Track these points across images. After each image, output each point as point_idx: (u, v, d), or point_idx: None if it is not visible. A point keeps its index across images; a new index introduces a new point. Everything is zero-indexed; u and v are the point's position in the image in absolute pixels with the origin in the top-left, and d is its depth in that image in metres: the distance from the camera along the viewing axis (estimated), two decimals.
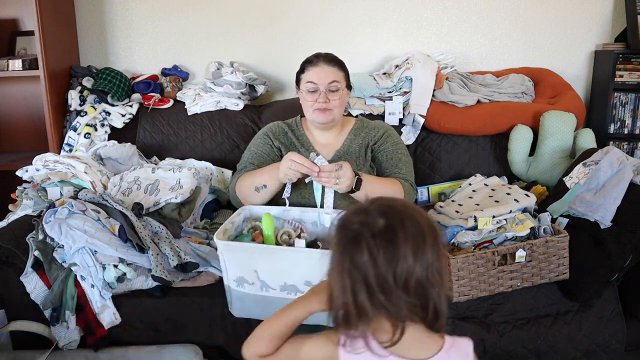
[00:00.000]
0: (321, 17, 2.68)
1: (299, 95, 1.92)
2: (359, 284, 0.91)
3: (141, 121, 2.45)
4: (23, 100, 2.66)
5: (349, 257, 0.92)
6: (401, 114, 2.41)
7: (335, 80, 1.84)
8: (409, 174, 1.86)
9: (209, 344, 1.72)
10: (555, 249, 1.73)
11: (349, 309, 0.92)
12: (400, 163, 1.85)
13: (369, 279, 0.90)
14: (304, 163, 1.62)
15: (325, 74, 1.83)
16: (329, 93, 1.83)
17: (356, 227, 0.93)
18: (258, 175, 1.80)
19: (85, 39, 2.69)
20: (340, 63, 1.90)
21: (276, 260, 1.51)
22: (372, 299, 0.91)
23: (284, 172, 1.67)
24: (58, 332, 1.66)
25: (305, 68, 1.88)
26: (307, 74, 1.86)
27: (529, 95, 2.49)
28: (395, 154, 1.88)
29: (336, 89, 1.84)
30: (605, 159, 1.85)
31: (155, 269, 1.65)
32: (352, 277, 0.92)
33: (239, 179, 1.86)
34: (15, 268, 1.70)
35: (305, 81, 1.85)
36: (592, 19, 2.68)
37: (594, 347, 1.78)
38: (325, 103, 1.82)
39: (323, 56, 1.89)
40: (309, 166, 1.62)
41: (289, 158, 1.65)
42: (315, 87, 1.83)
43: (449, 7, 2.67)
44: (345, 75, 1.90)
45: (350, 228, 0.94)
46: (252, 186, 1.79)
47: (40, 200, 1.94)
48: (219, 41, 2.71)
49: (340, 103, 1.86)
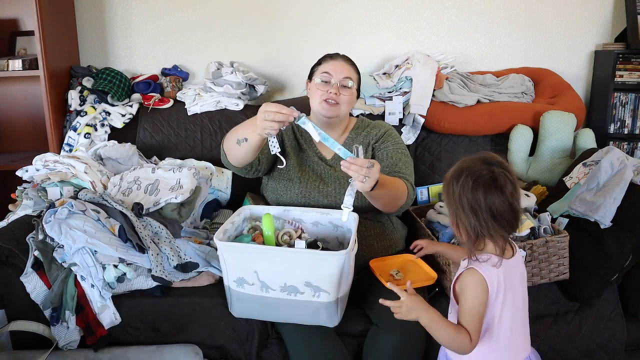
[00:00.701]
0: (321, 17, 2.68)
1: (309, 88, 1.91)
2: (487, 214, 1.25)
3: (141, 121, 2.45)
4: (23, 100, 2.66)
5: (482, 196, 1.24)
6: (401, 114, 2.41)
7: (349, 77, 1.85)
8: (409, 174, 1.86)
9: (209, 344, 1.72)
10: (555, 249, 1.73)
11: (480, 233, 1.27)
12: (400, 163, 1.86)
13: (495, 211, 1.24)
14: (280, 110, 1.50)
15: (341, 69, 1.86)
16: (341, 87, 1.84)
17: (485, 173, 1.25)
18: (241, 128, 1.73)
19: (85, 39, 2.69)
20: (356, 66, 1.93)
21: (276, 261, 1.51)
22: (497, 224, 1.26)
23: (261, 125, 1.55)
24: (58, 332, 1.65)
25: (323, 60, 1.91)
26: (324, 66, 1.88)
27: (529, 95, 2.49)
28: (395, 153, 1.88)
29: (348, 86, 1.84)
30: (606, 158, 1.85)
31: (155, 269, 1.65)
32: (483, 210, 1.25)
33: (227, 134, 1.83)
34: (15, 268, 1.70)
35: (321, 72, 1.86)
36: (592, 19, 2.68)
37: (594, 347, 1.79)
38: (335, 95, 1.82)
39: (342, 55, 1.92)
40: (286, 112, 1.50)
41: (262, 109, 1.54)
42: (329, 78, 1.84)
43: (449, 7, 2.68)
44: (357, 77, 1.92)
45: (482, 175, 1.25)
46: (235, 138, 1.73)
47: (40, 200, 1.94)
48: (219, 41, 2.71)
49: (349, 100, 1.86)
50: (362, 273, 1.80)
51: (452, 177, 1.30)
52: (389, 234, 1.87)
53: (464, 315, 1.28)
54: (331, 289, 1.52)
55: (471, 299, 1.28)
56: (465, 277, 1.30)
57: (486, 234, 1.27)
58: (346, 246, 1.61)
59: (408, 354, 1.58)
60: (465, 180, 1.26)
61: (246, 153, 1.73)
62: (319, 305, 1.54)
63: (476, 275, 1.28)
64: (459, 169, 1.30)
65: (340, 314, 1.60)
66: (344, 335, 1.71)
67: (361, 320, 1.73)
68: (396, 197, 1.72)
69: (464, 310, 1.29)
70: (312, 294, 1.53)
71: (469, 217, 1.26)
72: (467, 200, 1.26)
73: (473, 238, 1.29)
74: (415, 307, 1.29)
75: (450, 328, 1.28)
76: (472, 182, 1.25)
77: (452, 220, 1.33)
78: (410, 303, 1.30)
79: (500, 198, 1.24)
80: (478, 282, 1.27)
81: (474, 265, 1.29)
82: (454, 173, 1.30)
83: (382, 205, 1.72)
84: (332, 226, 1.76)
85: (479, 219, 1.26)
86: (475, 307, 1.27)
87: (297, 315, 1.58)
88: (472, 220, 1.26)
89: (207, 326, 1.72)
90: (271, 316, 1.65)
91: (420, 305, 1.30)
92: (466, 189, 1.25)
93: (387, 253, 1.84)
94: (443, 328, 1.28)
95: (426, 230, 1.90)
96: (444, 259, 1.73)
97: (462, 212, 1.27)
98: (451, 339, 1.27)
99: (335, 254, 1.48)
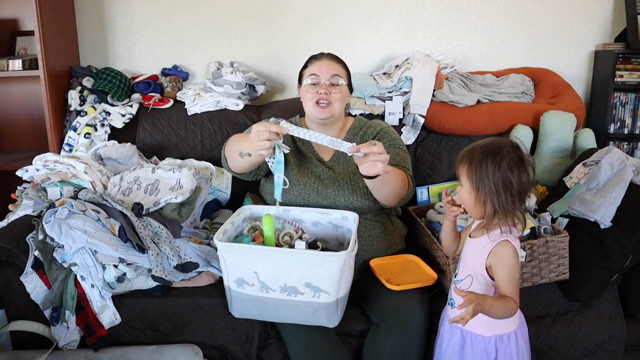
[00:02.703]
0: (321, 17, 2.68)
1: (300, 92, 1.92)
2: (516, 192, 1.36)
3: (141, 121, 2.45)
4: (23, 100, 2.66)
5: (517, 175, 1.35)
6: (401, 114, 2.41)
7: (337, 75, 1.85)
8: (408, 167, 1.86)
9: (209, 344, 1.72)
10: (555, 249, 1.72)
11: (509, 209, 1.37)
12: (397, 157, 1.85)
13: (522, 189, 1.37)
14: (268, 129, 1.52)
15: (327, 68, 1.86)
16: (330, 86, 1.84)
17: (515, 155, 1.36)
18: (245, 142, 1.70)
19: (85, 39, 2.69)
20: (342, 62, 1.93)
21: (276, 261, 1.51)
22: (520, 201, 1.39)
23: (255, 147, 1.55)
24: (58, 332, 1.66)
25: (309, 63, 1.91)
26: (310, 68, 1.89)
27: (529, 95, 2.49)
28: (392, 149, 1.88)
29: (337, 83, 1.84)
30: (606, 158, 1.85)
31: (155, 269, 1.65)
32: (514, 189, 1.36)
33: (231, 138, 1.83)
34: (15, 268, 1.70)
35: (308, 74, 1.87)
36: (592, 19, 2.68)
37: (594, 347, 1.78)
38: (326, 95, 1.82)
39: (326, 54, 1.92)
40: (275, 130, 1.52)
41: (254, 130, 1.55)
42: (317, 80, 1.84)
43: (449, 7, 2.68)
44: (347, 73, 1.92)
45: (513, 156, 1.36)
46: (238, 150, 1.73)
47: (40, 200, 1.94)
48: (219, 41, 2.71)
49: (341, 97, 1.86)
50: (362, 273, 1.80)
51: (485, 156, 1.38)
52: (389, 234, 1.87)
53: (505, 283, 1.39)
54: (331, 290, 1.52)
55: (510, 267, 1.39)
56: (500, 249, 1.39)
57: (512, 210, 1.38)
58: (346, 246, 1.61)
59: (408, 354, 1.58)
60: (500, 160, 1.36)
61: (248, 166, 1.78)
62: (319, 306, 1.54)
63: (510, 246, 1.39)
64: (493, 148, 1.38)
65: (340, 315, 1.60)
66: (344, 335, 1.71)
67: (361, 320, 1.73)
68: (399, 185, 1.73)
69: (504, 280, 1.39)
70: (312, 295, 1.53)
71: (500, 194, 1.36)
72: (502, 178, 1.35)
73: (500, 214, 1.39)
74: (481, 301, 1.33)
75: (501, 302, 1.37)
76: (507, 161, 1.35)
77: (474, 195, 1.40)
78: (476, 299, 1.32)
79: (527, 177, 1.37)
80: (513, 252, 1.39)
81: (507, 237, 1.40)
82: (486, 152, 1.38)
83: (387, 194, 1.72)
84: (332, 226, 1.76)
85: (508, 196, 1.36)
86: (514, 274, 1.39)
87: (297, 315, 1.58)
88: (502, 197, 1.36)
89: (207, 326, 1.72)
90: (271, 317, 1.65)
91: (481, 299, 1.34)
92: (502, 168, 1.35)
93: (387, 253, 1.84)
94: (496, 305, 1.36)
95: (426, 230, 1.90)
96: (444, 259, 1.73)
97: (493, 189, 1.36)
98: (504, 311, 1.37)
99: (335, 255, 1.48)
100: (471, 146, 1.44)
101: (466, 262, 1.49)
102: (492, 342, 1.46)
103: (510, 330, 1.48)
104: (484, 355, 1.46)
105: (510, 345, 1.47)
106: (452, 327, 1.52)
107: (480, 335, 1.47)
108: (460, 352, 1.50)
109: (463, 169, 1.42)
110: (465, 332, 1.49)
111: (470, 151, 1.42)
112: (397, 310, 1.61)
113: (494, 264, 1.40)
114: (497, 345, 1.46)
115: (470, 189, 1.41)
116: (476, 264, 1.44)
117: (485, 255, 1.41)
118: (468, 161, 1.41)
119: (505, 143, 1.40)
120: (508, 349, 1.47)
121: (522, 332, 1.52)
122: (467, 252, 1.50)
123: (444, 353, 1.54)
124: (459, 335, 1.50)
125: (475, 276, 1.45)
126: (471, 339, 1.48)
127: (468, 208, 1.46)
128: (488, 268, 1.42)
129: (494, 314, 1.37)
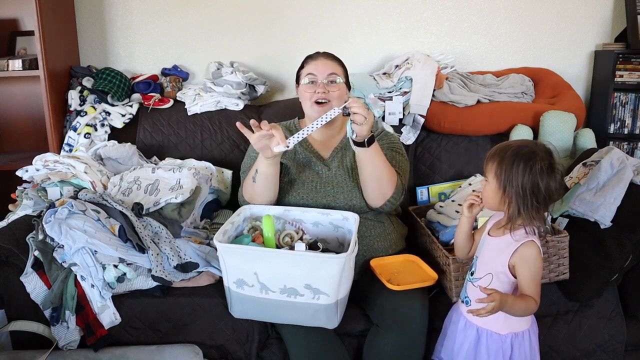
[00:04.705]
0: (321, 17, 2.68)
1: (299, 92, 1.93)
2: (543, 198, 1.36)
3: (141, 121, 2.45)
4: (23, 100, 2.66)
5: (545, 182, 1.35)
6: (401, 114, 2.41)
7: (334, 73, 1.86)
8: (402, 172, 1.85)
9: (209, 344, 1.72)
10: (555, 249, 1.72)
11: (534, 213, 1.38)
12: (394, 161, 1.85)
13: (548, 196, 1.37)
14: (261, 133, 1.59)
15: (324, 67, 1.86)
16: (328, 84, 1.84)
17: (547, 162, 1.36)
18: (250, 171, 1.81)
19: (85, 39, 2.69)
20: (339, 60, 1.93)
21: (276, 263, 1.51)
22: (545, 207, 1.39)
23: (259, 149, 1.65)
24: (58, 332, 1.66)
25: (306, 62, 1.92)
26: (307, 67, 1.89)
27: (529, 95, 2.49)
28: (390, 152, 1.88)
29: (335, 81, 1.85)
30: (606, 158, 1.85)
31: (155, 269, 1.65)
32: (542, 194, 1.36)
33: (242, 184, 1.88)
34: (15, 268, 1.70)
35: (306, 74, 1.88)
36: (592, 19, 2.68)
37: (594, 347, 1.78)
38: (324, 93, 1.82)
39: (322, 53, 1.93)
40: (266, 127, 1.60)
41: (254, 140, 1.63)
42: (314, 79, 1.85)
43: (449, 7, 2.68)
44: (344, 71, 1.92)
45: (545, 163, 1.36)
46: (250, 181, 1.78)
47: (40, 200, 1.94)
48: (219, 41, 2.71)
49: (339, 95, 1.86)
50: (363, 273, 1.80)
51: (518, 158, 1.37)
52: (389, 234, 1.87)
53: (528, 283, 1.39)
54: (331, 291, 1.52)
55: (534, 268, 1.40)
56: (526, 250, 1.40)
57: (535, 215, 1.38)
58: (346, 247, 1.61)
59: (408, 354, 1.58)
60: (533, 165, 1.35)
61: (264, 187, 1.76)
62: (318, 308, 1.54)
63: (535, 247, 1.40)
64: (527, 152, 1.37)
65: (340, 316, 1.60)
66: (344, 335, 1.71)
67: (361, 320, 1.73)
68: (385, 179, 1.73)
69: (527, 280, 1.39)
70: (311, 296, 1.53)
71: (527, 198, 1.36)
72: (531, 183, 1.35)
73: (525, 216, 1.38)
74: (504, 300, 1.34)
75: (522, 301, 1.37)
76: (539, 167, 1.35)
77: (500, 195, 1.40)
78: (499, 298, 1.33)
79: (555, 185, 1.37)
80: (538, 252, 1.40)
81: (532, 238, 1.40)
82: (519, 154, 1.37)
83: (371, 183, 1.74)
84: (332, 227, 1.76)
85: (533, 201, 1.36)
86: (538, 274, 1.40)
87: (297, 317, 1.58)
88: (527, 201, 1.36)
89: (207, 326, 1.72)
90: (271, 317, 1.65)
91: (504, 298, 1.35)
92: (533, 173, 1.35)
93: (387, 253, 1.84)
94: (517, 305, 1.37)
95: (426, 230, 1.90)
96: (444, 259, 1.73)
97: (520, 192, 1.36)
98: (524, 310, 1.38)
99: (335, 257, 1.48)
100: (504, 144, 1.43)
101: (485, 260, 1.49)
102: (509, 339, 1.47)
103: (525, 329, 1.48)
104: (500, 352, 1.47)
105: (524, 343, 1.48)
106: (467, 325, 1.52)
107: (496, 333, 1.47)
108: (474, 350, 1.50)
109: (492, 166, 1.41)
110: (481, 329, 1.49)
111: (502, 149, 1.41)
112: (397, 310, 1.61)
113: (519, 263, 1.40)
114: (513, 343, 1.47)
115: (496, 187, 1.40)
116: (497, 262, 1.44)
117: (508, 255, 1.41)
118: (499, 160, 1.39)
119: (539, 148, 1.39)
120: (523, 346, 1.48)
121: (535, 332, 1.53)
122: (486, 250, 1.49)
123: (457, 351, 1.53)
124: (475, 333, 1.50)
125: (496, 274, 1.44)
126: (487, 337, 1.48)
127: (489, 205, 1.45)
128: (511, 267, 1.42)
129: (514, 312, 1.38)
